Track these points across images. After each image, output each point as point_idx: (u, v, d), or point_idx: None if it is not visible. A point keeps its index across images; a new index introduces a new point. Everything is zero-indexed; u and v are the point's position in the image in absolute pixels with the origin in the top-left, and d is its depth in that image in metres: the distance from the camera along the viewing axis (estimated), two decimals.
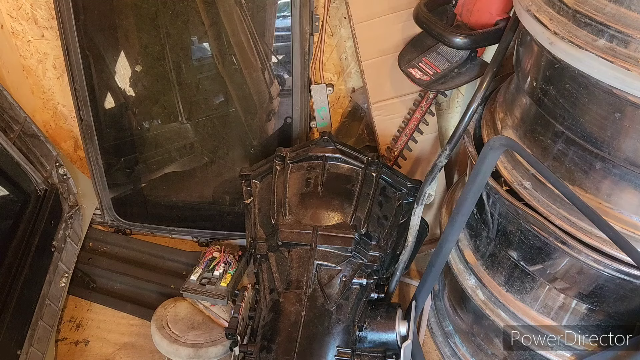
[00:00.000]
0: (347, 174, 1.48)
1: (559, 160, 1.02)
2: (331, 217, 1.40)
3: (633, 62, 0.76)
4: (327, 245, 1.36)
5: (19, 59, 1.79)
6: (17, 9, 1.69)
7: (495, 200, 1.15)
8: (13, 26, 1.73)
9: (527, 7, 0.95)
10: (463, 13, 1.33)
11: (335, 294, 1.31)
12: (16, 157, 1.60)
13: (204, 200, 1.96)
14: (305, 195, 1.45)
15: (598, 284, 1.03)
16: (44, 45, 1.78)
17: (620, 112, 0.84)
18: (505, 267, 1.23)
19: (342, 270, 1.34)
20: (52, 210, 1.70)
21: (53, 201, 1.72)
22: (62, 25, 1.60)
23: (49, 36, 1.76)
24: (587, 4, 0.83)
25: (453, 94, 1.79)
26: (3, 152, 1.56)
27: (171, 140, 1.87)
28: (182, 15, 1.62)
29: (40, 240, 1.61)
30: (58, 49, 1.71)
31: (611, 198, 0.96)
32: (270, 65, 1.71)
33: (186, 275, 1.69)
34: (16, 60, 1.79)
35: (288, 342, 1.23)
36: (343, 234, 1.36)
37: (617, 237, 0.84)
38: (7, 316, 1.43)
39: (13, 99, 1.65)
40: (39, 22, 1.73)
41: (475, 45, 1.30)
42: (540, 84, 1.00)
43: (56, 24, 1.62)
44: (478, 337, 1.44)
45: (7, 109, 1.65)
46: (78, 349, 1.67)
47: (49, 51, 1.79)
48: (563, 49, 0.85)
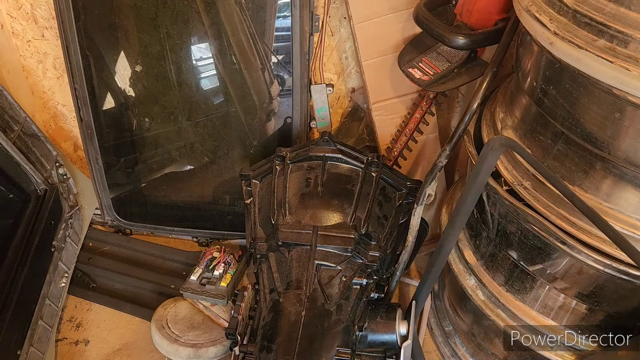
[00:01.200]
0: (347, 174, 1.48)
1: (559, 160, 1.02)
2: (331, 217, 1.40)
3: (633, 62, 0.76)
4: (327, 245, 1.36)
5: (19, 59, 1.79)
6: (17, 9, 1.69)
7: (495, 201, 1.15)
8: (13, 26, 1.73)
9: (527, 7, 0.95)
10: (463, 13, 1.33)
11: (335, 294, 1.31)
12: (16, 157, 1.60)
13: (204, 200, 1.96)
14: (305, 195, 1.45)
15: (598, 284, 1.03)
16: (44, 45, 1.78)
17: (620, 112, 0.84)
18: (505, 267, 1.23)
19: (342, 270, 1.35)
20: (52, 210, 1.70)
21: (53, 201, 1.72)
22: (62, 25, 1.60)
23: (49, 36, 1.76)
24: (587, 4, 0.83)
25: (453, 94, 1.79)
26: (3, 152, 1.56)
27: (171, 140, 1.87)
28: (182, 15, 1.62)
29: (40, 240, 1.61)
30: (58, 49, 1.71)
31: (611, 198, 0.96)
32: (270, 66, 1.71)
33: (186, 275, 1.69)
34: (16, 60, 1.79)
35: (288, 342, 1.23)
36: (343, 234, 1.36)
37: (617, 237, 0.84)
38: (7, 316, 1.43)
39: (13, 99, 1.65)
40: (39, 22, 1.73)
41: (475, 45, 1.30)
42: (540, 84, 1.00)
43: (56, 24, 1.62)
44: (478, 337, 1.44)
45: (7, 109, 1.65)
46: (78, 349, 1.67)
47: (49, 51, 1.79)
48: (563, 49, 0.85)
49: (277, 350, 1.23)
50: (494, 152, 0.99)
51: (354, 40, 1.60)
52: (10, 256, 1.52)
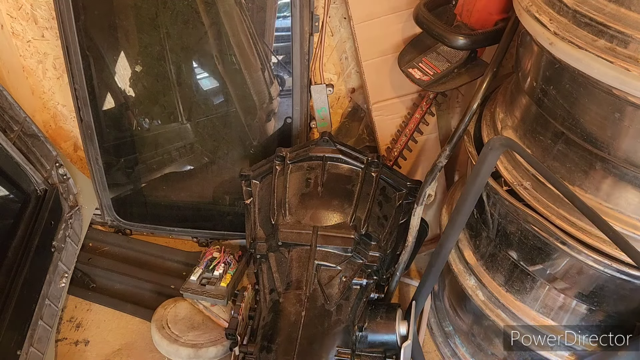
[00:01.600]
0: (347, 174, 1.48)
1: (559, 161, 1.02)
2: (331, 217, 1.40)
3: (633, 63, 0.76)
4: (327, 245, 1.36)
5: (19, 59, 1.79)
6: (17, 9, 1.69)
7: (495, 201, 1.15)
8: (13, 26, 1.73)
9: (527, 7, 0.95)
10: (463, 13, 1.33)
11: (335, 294, 1.31)
12: (16, 157, 1.60)
13: (204, 200, 1.96)
14: (305, 196, 1.45)
15: (598, 284, 1.03)
16: (44, 46, 1.78)
17: (620, 112, 0.84)
18: (505, 268, 1.23)
19: (342, 271, 1.35)
20: (52, 210, 1.70)
21: (53, 201, 1.72)
22: (62, 26, 1.60)
23: (49, 36, 1.76)
24: (587, 4, 0.83)
25: (453, 94, 1.79)
26: (3, 152, 1.56)
27: (171, 140, 1.87)
28: (182, 16, 1.62)
29: (40, 241, 1.61)
30: (58, 49, 1.71)
31: (611, 198, 0.96)
32: (270, 66, 1.71)
33: (186, 276, 1.69)
34: (16, 60, 1.79)
35: (288, 342, 1.23)
36: (343, 234, 1.36)
37: (617, 237, 0.84)
38: (7, 316, 1.43)
39: (13, 99, 1.65)
40: (39, 22, 1.73)
41: (475, 45, 1.30)
42: (540, 84, 1.00)
43: (56, 24, 1.62)
44: (478, 338, 1.44)
45: (7, 109, 1.65)
46: (78, 349, 1.67)
47: (49, 51, 1.79)
48: (563, 49, 0.85)
49: (277, 351, 1.23)
50: (494, 152, 0.99)
51: (354, 41, 1.60)
52: (10, 256, 1.52)
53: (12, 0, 1.67)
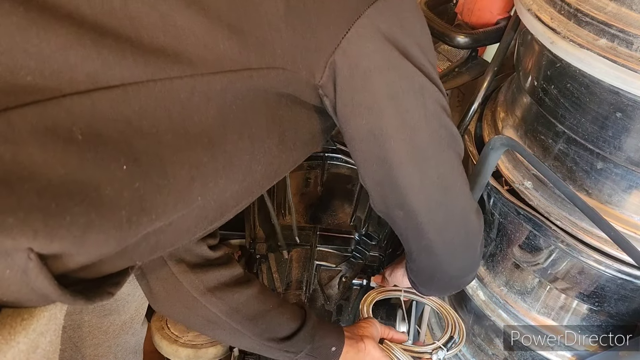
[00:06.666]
0: (347, 173, 1.48)
1: (560, 160, 1.02)
2: (331, 217, 1.40)
3: (635, 62, 0.76)
4: (327, 245, 1.35)
5: None
6: None
7: (495, 200, 1.15)
8: None
9: (528, 6, 0.95)
10: (464, 12, 1.33)
11: (335, 295, 1.31)
12: None
13: None
14: (305, 195, 1.44)
15: (599, 285, 1.03)
16: None
17: (621, 111, 0.84)
18: (505, 268, 1.23)
19: (342, 271, 1.34)
20: None
21: None
22: None
23: None
24: (588, 3, 0.83)
25: (454, 93, 1.78)
26: None
27: None
28: None
29: None
30: None
31: (612, 198, 0.96)
32: None
33: None
34: None
35: None
36: (343, 234, 1.36)
37: (618, 237, 0.84)
38: None
39: None
40: None
41: (476, 44, 1.30)
42: (541, 83, 0.99)
43: None
44: (478, 338, 1.44)
45: None
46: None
47: None
48: (564, 48, 0.85)
49: None
50: (495, 152, 0.99)
51: None
52: None
53: None
